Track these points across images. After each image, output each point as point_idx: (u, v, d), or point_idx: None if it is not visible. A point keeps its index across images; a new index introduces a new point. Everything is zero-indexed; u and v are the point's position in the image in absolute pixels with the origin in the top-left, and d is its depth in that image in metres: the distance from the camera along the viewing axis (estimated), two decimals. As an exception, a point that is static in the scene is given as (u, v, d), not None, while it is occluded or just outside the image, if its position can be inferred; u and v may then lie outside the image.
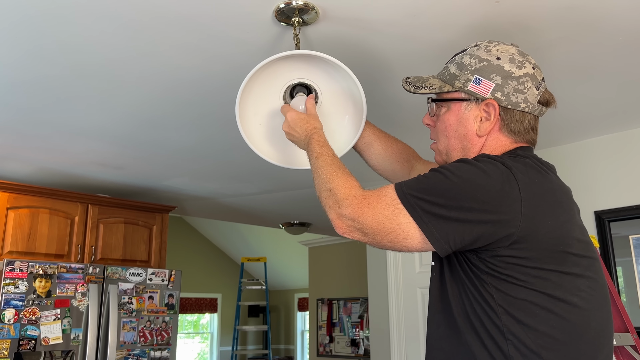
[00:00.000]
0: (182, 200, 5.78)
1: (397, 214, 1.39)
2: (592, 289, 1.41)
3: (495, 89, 1.53)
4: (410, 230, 1.38)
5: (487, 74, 1.54)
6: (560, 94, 2.93)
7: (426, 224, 1.37)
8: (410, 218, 1.38)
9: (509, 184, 1.36)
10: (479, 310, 1.38)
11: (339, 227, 1.49)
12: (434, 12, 2.15)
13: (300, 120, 1.88)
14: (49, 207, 4.70)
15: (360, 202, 1.45)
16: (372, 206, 1.43)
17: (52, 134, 3.61)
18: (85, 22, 2.22)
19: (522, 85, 1.53)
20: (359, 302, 9.29)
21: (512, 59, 1.55)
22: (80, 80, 2.77)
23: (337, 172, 1.60)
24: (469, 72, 1.57)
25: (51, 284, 4.19)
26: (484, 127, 1.56)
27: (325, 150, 1.72)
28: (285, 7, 2.09)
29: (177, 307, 4.85)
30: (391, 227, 1.40)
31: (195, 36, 2.33)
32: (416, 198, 1.38)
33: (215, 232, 11.74)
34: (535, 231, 1.35)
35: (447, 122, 1.61)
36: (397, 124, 3.40)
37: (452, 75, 1.62)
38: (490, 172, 1.38)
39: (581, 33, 2.33)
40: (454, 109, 1.60)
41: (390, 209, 1.40)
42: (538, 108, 1.56)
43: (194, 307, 11.83)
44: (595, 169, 3.67)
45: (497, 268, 1.36)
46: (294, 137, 1.89)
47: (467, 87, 1.56)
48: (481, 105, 1.55)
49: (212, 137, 3.69)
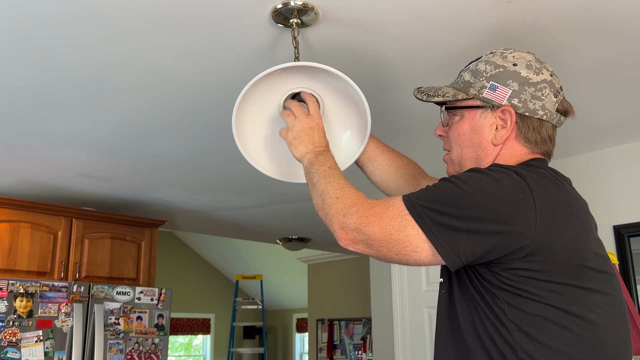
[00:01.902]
0: (172, 214, 5.77)
1: (405, 225, 1.39)
2: (609, 305, 1.41)
3: (511, 95, 1.55)
4: (419, 243, 1.38)
5: (504, 80, 1.56)
6: (576, 101, 2.91)
7: (436, 236, 1.37)
8: (419, 229, 1.38)
9: (523, 194, 1.37)
10: (490, 327, 1.37)
11: (342, 239, 1.48)
12: (442, 13, 2.15)
13: (323, 130, 1.88)
14: (30, 221, 4.69)
15: (367, 212, 1.45)
16: (378, 216, 1.43)
17: (34, 143, 3.60)
18: (69, 24, 2.21)
19: (540, 92, 1.54)
20: (361, 323, 9.27)
21: (529, 65, 1.57)
22: (64, 85, 2.76)
23: (349, 185, 1.61)
24: (484, 79, 1.58)
25: (33, 303, 4.17)
26: (500, 135, 1.57)
27: (339, 168, 1.73)
28: (282, 8, 2.09)
29: (167, 328, 4.83)
30: (399, 238, 1.40)
31: (186, 39, 2.33)
32: (425, 208, 1.39)
33: (208, 248, 11.73)
34: (550, 243, 1.36)
35: (461, 131, 1.63)
36: (403, 134, 3.39)
37: (466, 82, 1.63)
38: (503, 181, 1.38)
39: (599, 36, 2.32)
40: (468, 117, 1.62)
41: (397, 220, 1.40)
42: (556, 117, 1.58)
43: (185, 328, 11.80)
44: (614, 181, 3.66)
45: (509, 282, 1.36)
46: (307, 138, 1.85)
47: (483, 94, 1.58)
48: (497, 112, 1.57)
49: (205, 146, 3.68)
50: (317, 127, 1.87)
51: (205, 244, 11.63)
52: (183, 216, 5.90)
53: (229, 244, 11.00)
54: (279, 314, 13.03)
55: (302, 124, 1.87)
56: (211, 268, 12.44)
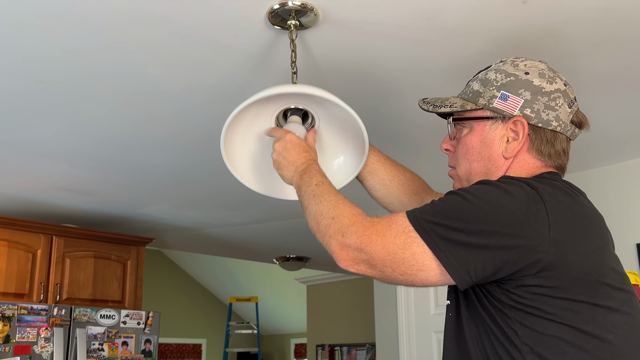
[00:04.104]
0: (161, 231, 5.76)
1: (410, 243, 1.39)
2: (629, 326, 1.40)
3: (524, 105, 1.55)
4: (426, 260, 1.38)
5: (515, 89, 1.56)
6: (594, 110, 2.92)
7: (443, 252, 1.36)
8: (425, 246, 1.37)
9: (535, 206, 1.36)
10: (501, 350, 1.37)
11: (342, 259, 1.47)
12: (452, 14, 2.14)
13: (298, 146, 1.85)
14: (6, 239, 4.67)
15: (368, 230, 1.44)
16: (381, 234, 1.42)
17: (10, 154, 3.59)
18: (50, 27, 2.20)
19: (554, 101, 1.54)
20: (365, 349, 9.26)
21: (542, 74, 1.57)
22: (43, 93, 2.76)
23: (342, 200, 1.59)
24: (495, 88, 1.58)
25: (10, 327, 4.16)
26: (511, 147, 1.57)
27: (327, 180, 1.71)
28: (279, 9, 2.09)
29: (155, 354, 4.82)
30: (403, 257, 1.39)
31: (176, 43, 2.32)
32: (432, 223, 1.38)
33: (200, 267, 11.73)
34: (565, 257, 1.36)
35: (470, 144, 1.62)
36: (406, 146, 3.39)
37: (475, 92, 1.63)
38: (515, 192, 1.38)
39: (619, 40, 2.32)
40: (477, 129, 1.61)
41: (402, 237, 1.39)
42: (571, 128, 1.58)
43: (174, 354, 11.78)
44: (636, 195, 3.65)
45: (522, 300, 1.36)
46: (286, 162, 1.84)
47: (493, 104, 1.58)
48: (508, 123, 1.56)
49: (196, 158, 3.67)
50: (290, 143, 1.86)
51: (196, 264, 11.62)
52: (172, 233, 5.89)
53: (222, 264, 10.99)
54: (275, 339, 13.01)
55: (277, 150, 1.87)
56: (202, 289, 12.43)
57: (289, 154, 1.84)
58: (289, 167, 1.83)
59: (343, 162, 2.09)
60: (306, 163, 1.80)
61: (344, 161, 2.09)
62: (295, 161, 1.82)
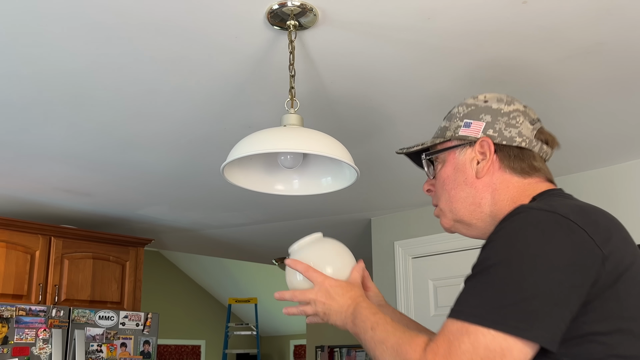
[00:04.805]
0: (159, 232, 5.76)
1: (476, 337, 1.26)
2: None
3: (485, 127, 1.62)
4: (501, 343, 1.25)
5: (476, 115, 1.64)
6: (599, 109, 2.92)
7: (520, 328, 1.25)
8: (495, 331, 1.25)
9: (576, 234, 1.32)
10: None
11: None
12: (452, 14, 2.14)
13: (340, 288, 1.73)
14: (5, 240, 4.67)
15: (435, 357, 1.30)
16: (446, 355, 1.29)
17: (9, 155, 3.59)
18: (48, 27, 2.20)
19: (514, 119, 1.61)
20: (364, 350, 9.23)
21: (500, 99, 1.65)
22: (41, 93, 2.75)
23: (402, 335, 1.46)
24: (458, 119, 1.67)
25: (8, 328, 4.15)
26: (481, 167, 1.60)
27: (380, 318, 1.58)
28: (279, 9, 2.08)
29: (154, 355, 4.81)
30: (482, 355, 1.25)
31: (173, 42, 2.32)
32: (488, 309, 1.27)
33: (198, 269, 11.71)
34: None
35: (445, 175, 1.67)
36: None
37: (442, 129, 1.71)
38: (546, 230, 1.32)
39: (623, 38, 2.31)
40: (449, 160, 1.66)
41: (465, 339, 1.27)
42: (537, 144, 1.61)
43: (173, 355, 11.76)
44: (636, 196, 3.65)
45: None
46: (333, 312, 1.72)
47: (458, 132, 1.65)
48: (475, 146, 1.62)
49: (195, 159, 3.67)
50: (332, 289, 1.73)
51: (195, 265, 11.61)
52: (171, 234, 5.89)
53: (221, 265, 10.98)
54: (275, 340, 13.00)
55: (320, 301, 1.73)
56: (201, 291, 12.42)
57: (334, 301, 1.72)
58: (339, 316, 1.70)
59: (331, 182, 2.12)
60: (353, 305, 1.68)
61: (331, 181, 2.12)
62: (342, 307, 1.70)
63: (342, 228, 5.56)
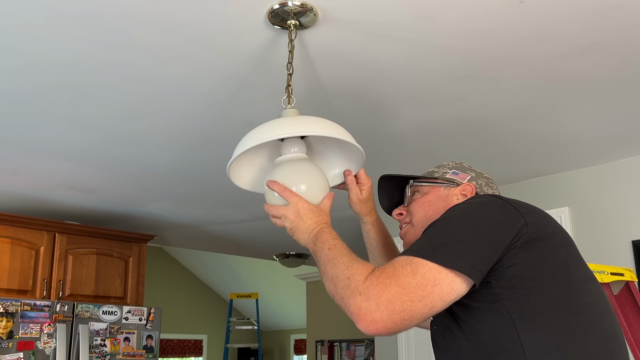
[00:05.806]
0: (162, 228, 5.76)
1: (416, 267, 1.50)
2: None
3: (471, 179, 1.92)
4: (435, 274, 1.49)
5: (463, 170, 1.95)
6: (590, 108, 2.92)
7: (447, 260, 1.51)
8: (432, 263, 1.50)
9: (506, 208, 1.63)
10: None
11: (361, 320, 1.52)
12: (450, 14, 2.15)
13: (310, 212, 1.86)
14: (10, 236, 4.67)
15: (380, 278, 1.52)
16: (391, 275, 1.51)
17: (13, 152, 3.60)
18: (52, 24, 2.21)
19: (492, 184, 1.95)
20: (363, 345, 9.25)
21: (481, 171, 1.98)
22: (46, 90, 2.76)
23: (355, 260, 1.65)
24: (447, 168, 1.96)
25: (13, 323, 4.15)
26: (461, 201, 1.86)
27: (339, 242, 1.75)
28: (279, 9, 2.09)
29: (156, 350, 4.82)
30: (415, 282, 1.49)
31: (176, 41, 2.33)
32: (430, 246, 1.54)
33: (201, 264, 11.71)
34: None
35: (426, 199, 1.91)
36: (403, 145, 3.39)
37: (430, 172, 1.97)
38: (485, 203, 1.65)
39: (619, 39, 2.32)
40: (432, 192, 1.92)
41: (408, 267, 1.51)
42: None
43: (176, 350, 11.76)
44: (632, 193, 3.66)
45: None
46: (299, 230, 1.86)
47: (446, 176, 1.92)
48: (459, 188, 1.89)
49: (197, 156, 3.68)
50: (303, 210, 1.86)
51: (197, 261, 11.61)
52: (173, 230, 5.89)
53: (223, 261, 10.98)
54: (275, 334, 13.00)
55: (290, 218, 1.87)
56: (203, 286, 12.42)
57: (302, 221, 1.85)
58: (303, 235, 1.84)
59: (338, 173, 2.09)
60: (317, 228, 1.82)
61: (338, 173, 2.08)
62: (308, 227, 1.83)
63: (344, 224, 5.54)
